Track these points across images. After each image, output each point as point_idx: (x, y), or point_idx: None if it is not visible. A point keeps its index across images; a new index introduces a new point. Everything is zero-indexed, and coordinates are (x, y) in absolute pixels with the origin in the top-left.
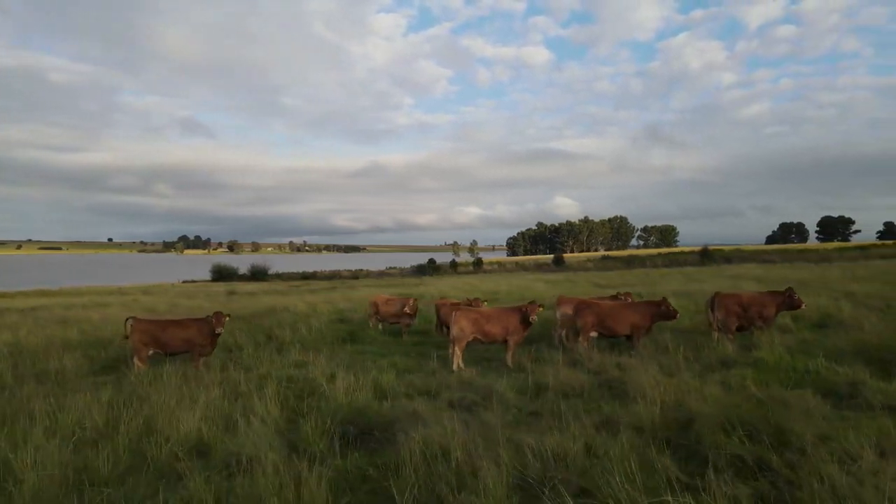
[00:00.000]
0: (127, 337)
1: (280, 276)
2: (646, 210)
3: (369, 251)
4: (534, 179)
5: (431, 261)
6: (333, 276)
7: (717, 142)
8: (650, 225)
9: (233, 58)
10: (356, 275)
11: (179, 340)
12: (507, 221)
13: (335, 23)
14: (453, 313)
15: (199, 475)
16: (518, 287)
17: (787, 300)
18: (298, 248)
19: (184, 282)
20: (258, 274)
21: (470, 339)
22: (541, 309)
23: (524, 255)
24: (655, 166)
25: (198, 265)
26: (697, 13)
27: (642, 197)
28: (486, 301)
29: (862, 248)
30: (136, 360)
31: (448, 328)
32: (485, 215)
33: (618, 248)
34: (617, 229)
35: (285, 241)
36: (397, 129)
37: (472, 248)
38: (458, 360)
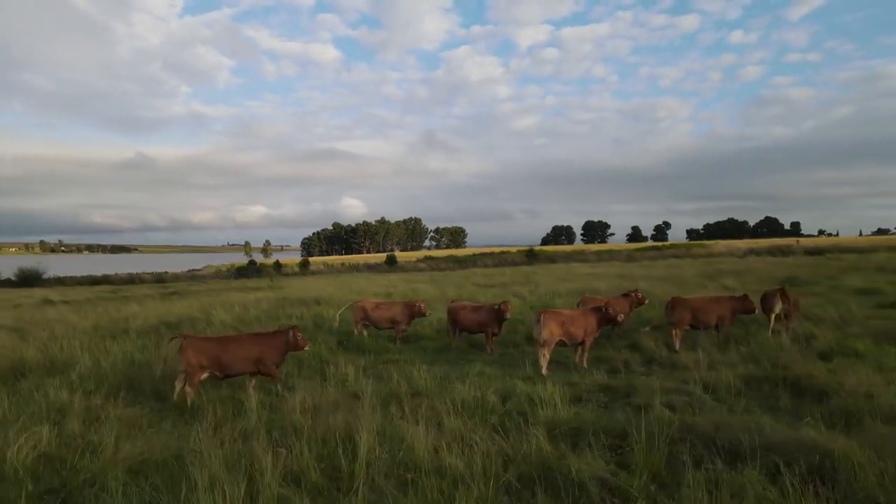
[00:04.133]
0: (166, 360)
1: (62, 282)
2: (429, 212)
3: (141, 252)
4: (321, 179)
5: (252, 262)
6: (133, 279)
7: (494, 149)
8: (441, 227)
9: None
10: (161, 278)
11: (244, 360)
12: (293, 221)
13: None
14: (541, 316)
15: None
16: (406, 289)
17: None
18: (52, 249)
19: None
20: (29, 279)
21: (556, 341)
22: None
23: (319, 255)
24: (435, 170)
25: None
26: (477, 29)
27: (426, 199)
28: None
29: (656, 248)
30: (182, 385)
31: (459, 329)
32: (270, 214)
33: (412, 249)
34: (412, 230)
35: (33, 239)
36: (171, 118)
37: (266, 249)
38: (546, 364)
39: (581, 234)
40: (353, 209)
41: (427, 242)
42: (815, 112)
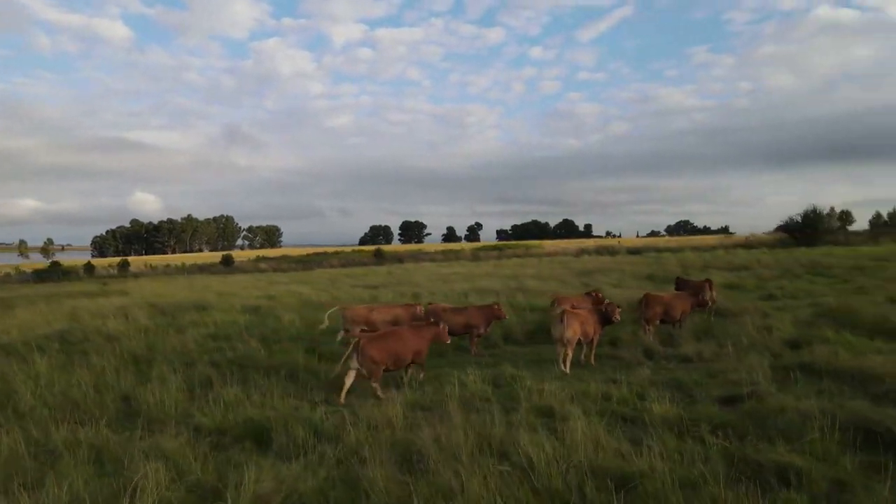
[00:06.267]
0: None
1: None
2: (235, 209)
3: None
4: (109, 170)
5: (55, 263)
6: None
7: (306, 146)
8: (254, 225)
9: None
10: None
11: (411, 353)
12: (75, 217)
13: None
14: (565, 316)
15: None
16: (282, 290)
17: None
18: None
19: None
20: None
21: (576, 339)
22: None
23: (115, 255)
24: (242, 165)
25: None
26: (288, 21)
27: (232, 195)
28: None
29: (497, 248)
30: (375, 384)
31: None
32: (45, 209)
33: (223, 248)
34: (223, 229)
35: None
36: None
37: (47, 248)
38: (568, 363)
39: (399, 234)
40: (148, 205)
41: (239, 242)
42: (600, 127)
